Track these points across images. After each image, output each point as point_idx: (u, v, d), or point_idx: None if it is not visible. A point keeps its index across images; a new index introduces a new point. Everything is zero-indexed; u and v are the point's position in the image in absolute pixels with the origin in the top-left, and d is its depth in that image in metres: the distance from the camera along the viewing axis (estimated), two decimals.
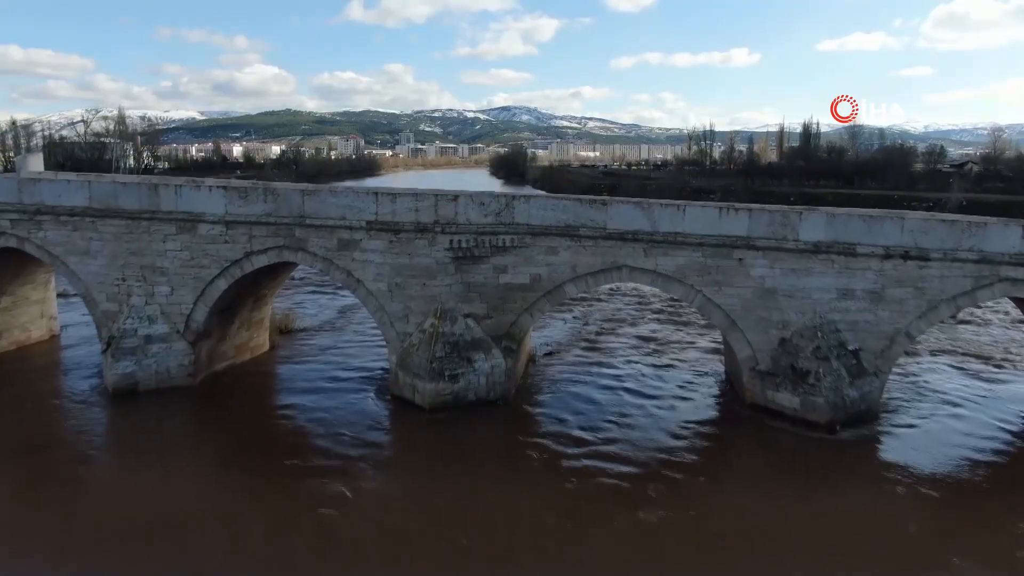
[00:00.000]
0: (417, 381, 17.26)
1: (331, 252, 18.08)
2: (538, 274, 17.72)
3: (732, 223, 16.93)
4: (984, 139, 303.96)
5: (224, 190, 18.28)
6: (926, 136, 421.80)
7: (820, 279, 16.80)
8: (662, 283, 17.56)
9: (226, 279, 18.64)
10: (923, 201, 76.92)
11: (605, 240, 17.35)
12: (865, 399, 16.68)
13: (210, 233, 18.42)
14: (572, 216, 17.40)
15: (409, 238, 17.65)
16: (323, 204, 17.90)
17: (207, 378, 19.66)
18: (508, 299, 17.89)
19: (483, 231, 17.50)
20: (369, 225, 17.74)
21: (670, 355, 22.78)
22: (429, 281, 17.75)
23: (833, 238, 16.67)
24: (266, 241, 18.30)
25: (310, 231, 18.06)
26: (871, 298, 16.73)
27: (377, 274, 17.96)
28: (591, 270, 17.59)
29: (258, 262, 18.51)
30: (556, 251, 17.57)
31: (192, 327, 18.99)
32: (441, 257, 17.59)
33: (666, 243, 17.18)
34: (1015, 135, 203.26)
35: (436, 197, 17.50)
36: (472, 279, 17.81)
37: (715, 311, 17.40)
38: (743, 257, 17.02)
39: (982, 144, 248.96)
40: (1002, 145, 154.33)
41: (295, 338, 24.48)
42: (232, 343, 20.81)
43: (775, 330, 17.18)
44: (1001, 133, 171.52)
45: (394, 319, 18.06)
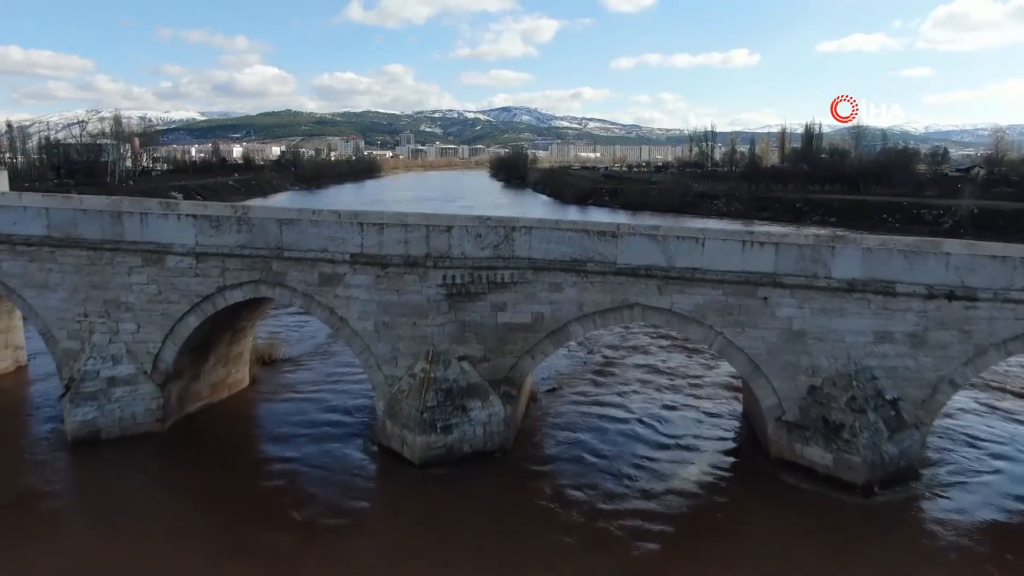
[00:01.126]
0: (406, 433, 15.54)
1: (312, 287, 16.38)
2: (540, 313, 16.02)
3: (757, 258, 15.23)
4: (985, 140, 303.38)
5: (194, 219, 16.56)
6: (927, 137, 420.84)
7: (855, 321, 15.10)
8: (678, 324, 15.87)
9: (197, 316, 16.95)
10: (932, 208, 75.26)
11: (615, 276, 15.65)
12: (905, 455, 14.98)
13: (179, 266, 16.72)
14: (578, 249, 15.70)
15: (398, 273, 15.95)
16: (303, 235, 16.19)
17: (178, 423, 17.94)
18: (507, 340, 16.19)
19: (480, 265, 15.80)
20: (353, 258, 16.04)
21: (683, 391, 21.07)
22: (420, 320, 16.05)
23: (870, 275, 14.96)
24: (240, 275, 16.59)
25: (289, 264, 16.36)
26: (912, 342, 15.02)
27: (362, 312, 16.26)
28: (599, 309, 15.88)
29: (232, 298, 16.81)
30: (560, 287, 15.86)
31: (160, 367, 17.29)
32: (433, 294, 15.89)
33: (683, 279, 15.48)
34: (1015, 135, 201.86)
35: (428, 228, 15.80)
36: (467, 318, 16.11)
37: (737, 355, 15.69)
38: (768, 296, 15.31)
39: (983, 145, 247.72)
40: (1005, 146, 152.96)
41: (278, 370, 22.77)
42: (207, 381, 19.09)
43: (804, 376, 15.47)
44: (1004, 134, 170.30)
45: (381, 362, 16.35)
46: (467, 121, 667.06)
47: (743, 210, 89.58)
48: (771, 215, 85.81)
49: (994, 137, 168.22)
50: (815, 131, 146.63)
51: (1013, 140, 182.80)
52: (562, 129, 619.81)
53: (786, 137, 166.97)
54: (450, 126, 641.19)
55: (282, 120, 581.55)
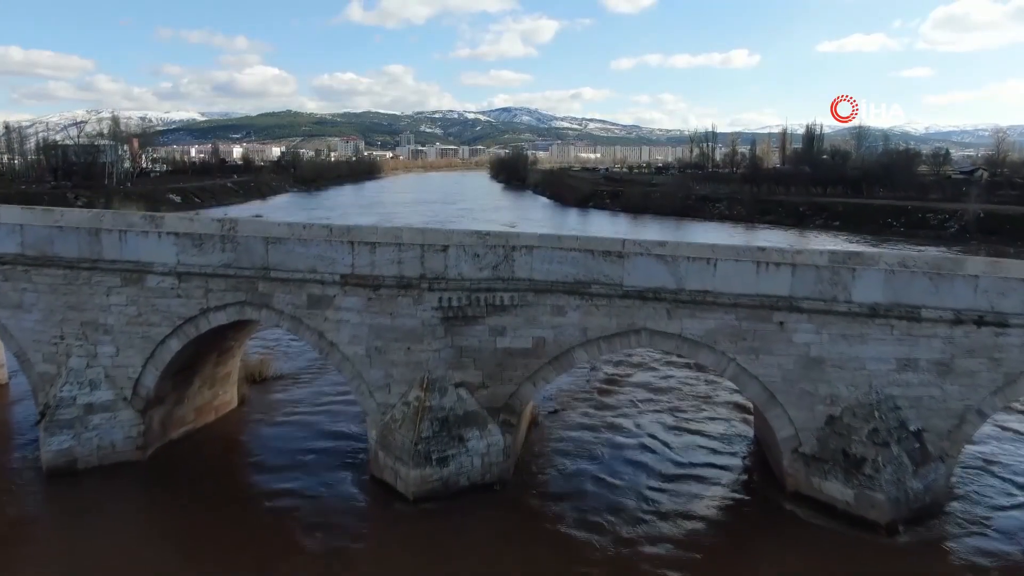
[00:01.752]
0: (399, 466, 14.63)
1: (300, 310, 15.47)
2: (542, 338, 15.11)
3: (772, 280, 14.32)
4: (985, 141, 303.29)
5: (175, 236, 15.66)
6: (927, 137, 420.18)
7: (877, 347, 14.19)
8: (688, 350, 14.96)
9: (179, 339, 16.04)
10: (938, 213, 74.29)
11: (621, 299, 14.74)
12: (930, 490, 14.07)
13: (160, 286, 15.82)
14: (582, 270, 14.79)
15: (391, 295, 15.05)
16: (290, 254, 15.29)
17: (160, 450, 17.03)
18: (507, 366, 15.28)
19: (478, 287, 14.90)
20: (344, 279, 15.13)
21: (690, 412, 20.15)
22: (414, 345, 15.14)
23: (893, 299, 14.05)
24: (225, 296, 15.69)
25: (275, 285, 15.45)
26: (937, 370, 14.11)
27: (353, 336, 15.35)
28: (604, 333, 14.97)
29: (216, 320, 15.90)
30: (563, 311, 14.96)
31: (141, 393, 16.38)
32: (428, 317, 14.98)
33: (693, 303, 14.58)
34: (1016, 136, 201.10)
35: (423, 247, 14.89)
36: (465, 343, 15.21)
37: (751, 383, 14.78)
38: (785, 320, 14.41)
39: (984, 145, 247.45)
40: (1006, 147, 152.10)
41: (270, 389, 21.87)
42: (192, 405, 18.19)
43: (822, 406, 14.57)
44: (1005, 135, 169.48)
45: (373, 389, 15.44)
46: (467, 121, 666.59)
47: (746, 213, 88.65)
48: (774, 219, 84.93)
49: (995, 138, 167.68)
50: (816, 132, 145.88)
51: (1014, 141, 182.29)
52: (562, 130, 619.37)
53: (787, 138, 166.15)
54: (450, 126, 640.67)
55: (282, 120, 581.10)
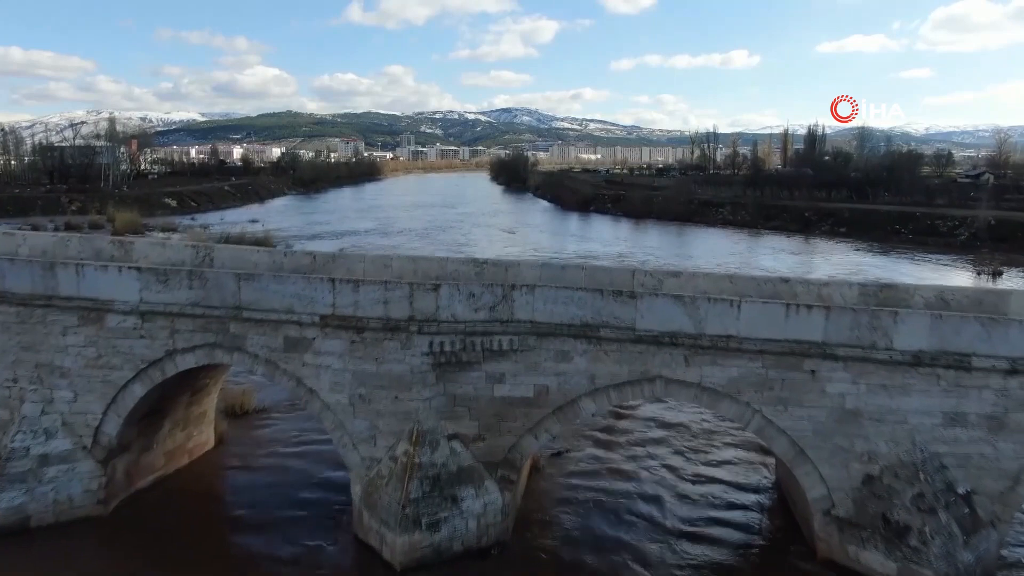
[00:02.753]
0: (385, 531, 13.08)
1: (275, 353, 13.93)
2: (545, 385, 13.57)
3: (803, 324, 12.77)
4: (986, 141, 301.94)
5: (138, 272, 14.12)
6: (928, 138, 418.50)
7: (921, 399, 12.65)
8: (708, 400, 13.41)
9: (143, 384, 14.51)
10: (947, 219, 72.63)
11: (634, 343, 13.20)
12: (981, 561, 12.51)
13: (121, 326, 14.28)
14: (590, 311, 13.24)
15: (376, 338, 13.51)
16: (264, 292, 13.74)
17: (125, 502, 15.46)
18: (506, 416, 13.74)
19: (473, 330, 13.35)
20: (324, 320, 13.59)
21: (704, 453, 18.59)
22: (402, 393, 13.60)
23: (939, 347, 12.50)
24: (193, 337, 14.15)
25: (248, 326, 13.91)
26: (989, 425, 12.57)
27: (335, 383, 13.81)
28: (615, 381, 13.43)
29: (184, 363, 14.37)
30: (569, 356, 13.41)
31: (102, 441, 14.85)
32: (418, 363, 13.44)
33: (715, 349, 13.03)
34: (1017, 137, 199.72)
35: (412, 286, 13.34)
36: (459, 391, 13.67)
37: (778, 437, 13.23)
38: (817, 369, 12.86)
39: (984, 146, 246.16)
40: (1008, 149, 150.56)
41: (250, 424, 20.32)
42: (162, 450, 16.64)
43: (859, 464, 13.02)
44: (1007, 136, 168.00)
45: (357, 441, 13.90)
46: (467, 122, 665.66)
47: (749, 219, 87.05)
48: (779, 224, 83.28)
49: (996, 139, 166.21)
50: (818, 133, 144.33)
51: (1016, 142, 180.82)
52: (563, 130, 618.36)
53: (788, 139, 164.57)
54: (451, 127, 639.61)
55: (282, 121, 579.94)
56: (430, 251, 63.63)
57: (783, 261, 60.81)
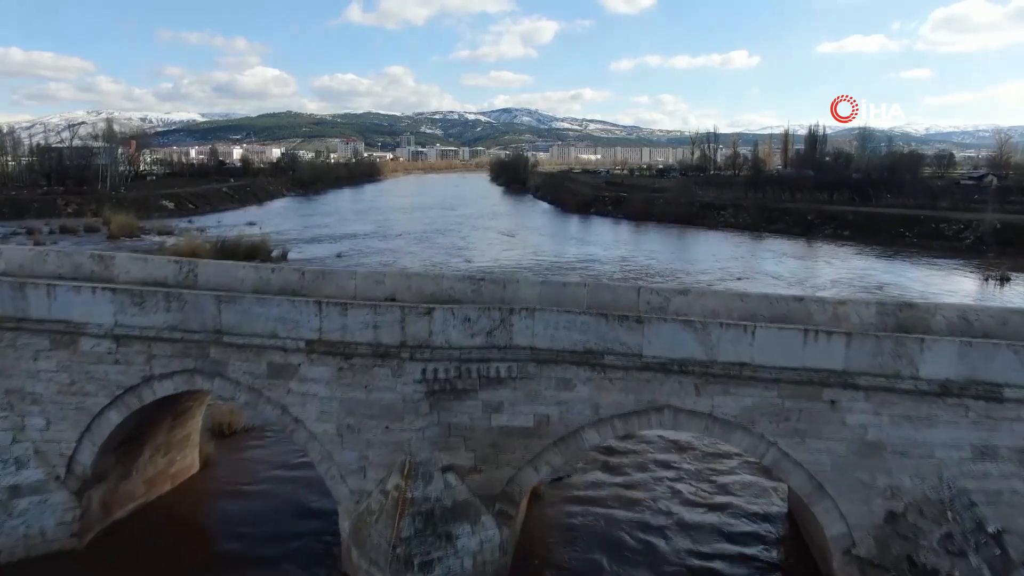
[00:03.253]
0: (375, 571, 12.24)
1: (259, 380, 13.09)
2: (546, 415, 12.73)
3: (822, 352, 11.92)
4: (986, 142, 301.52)
5: (112, 293, 13.27)
6: (928, 138, 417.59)
7: (948, 432, 11.80)
8: (720, 431, 12.57)
9: (120, 411, 13.68)
10: (952, 223, 71.75)
11: (640, 371, 12.36)
12: None
13: (95, 350, 13.44)
14: (594, 337, 12.40)
15: (366, 365, 12.67)
16: (246, 315, 12.89)
17: (102, 534, 14.61)
18: (504, 447, 12.89)
19: (469, 356, 12.51)
20: (310, 346, 12.75)
21: (711, 478, 17.75)
22: (394, 423, 12.77)
23: (968, 375, 11.66)
24: (171, 363, 13.32)
25: (230, 351, 13.07)
26: (1022, 460, 11.73)
27: (322, 412, 12.97)
28: (620, 411, 12.59)
29: (162, 390, 13.54)
30: (571, 384, 12.57)
31: (76, 471, 14.01)
32: (410, 392, 12.60)
33: (727, 377, 12.19)
34: (1017, 137, 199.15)
35: (403, 310, 12.50)
36: (454, 420, 12.83)
37: (794, 471, 12.38)
38: (837, 399, 12.02)
39: (984, 147, 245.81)
40: (1009, 149, 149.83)
41: (239, 445, 19.47)
42: (142, 477, 15.80)
43: (881, 500, 12.17)
44: (1008, 137, 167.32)
45: (346, 473, 13.06)
46: (467, 122, 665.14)
47: (752, 221, 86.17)
48: (781, 227, 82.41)
49: (997, 139, 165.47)
50: (819, 134, 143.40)
51: (1016, 142, 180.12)
52: (562, 130, 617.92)
53: (789, 139, 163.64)
54: (451, 127, 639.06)
55: (282, 121, 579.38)
56: (428, 255, 62.88)
57: (786, 265, 59.98)
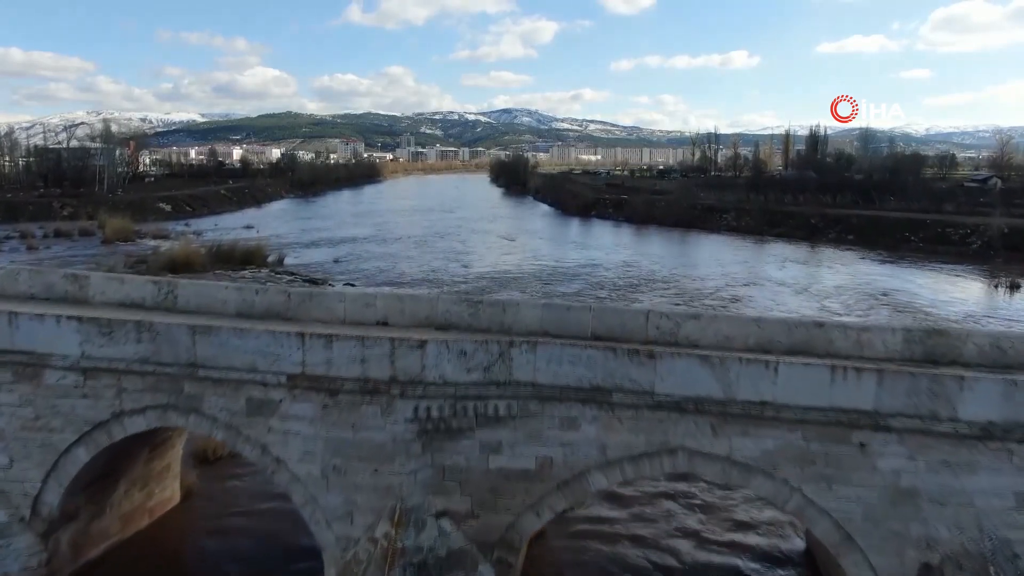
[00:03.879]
0: None
1: (237, 417, 12.08)
2: (548, 457, 11.71)
3: (851, 390, 10.90)
4: (987, 142, 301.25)
5: (78, 322, 12.25)
6: (928, 139, 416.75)
7: (990, 479, 10.78)
8: (739, 475, 11.54)
9: (88, 448, 12.67)
10: (959, 227, 70.72)
11: (652, 410, 11.34)
12: None
13: (61, 383, 12.43)
14: (601, 373, 11.38)
15: (353, 402, 11.65)
16: (223, 347, 11.87)
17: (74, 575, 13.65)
18: (503, 491, 11.87)
19: (465, 393, 11.50)
20: (292, 380, 11.73)
21: (723, 512, 16.70)
22: (383, 465, 11.75)
23: (1013, 418, 10.64)
24: (142, 398, 12.30)
25: (205, 386, 12.05)
26: None
27: (305, 452, 11.95)
28: (630, 453, 11.57)
29: (133, 426, 12.53)
30: (576, 424, 11.56)
31: (42, 512, 13.00)
32: (401, 431, 11.59)
33: (747, 417, 11.17)
34: (1017, 137, 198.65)
35: (393, 343, 11.47)
36: (449, 462, 11.81)
37: (820, 519, 11.36)
38: (867, 442, 11.00)
39: (985, 147, 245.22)
40: (1010, 150, 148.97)
41: (223, 472, 18.42)
42: (117, 513, 14.77)
43: (915, 551, 11.14)
44: (1010, 138, 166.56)
45: (331, 518, 12.03)
46: (467, 123, 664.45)
47: (754, 225, 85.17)
48: (784, 231, 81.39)
49: (998, 140, 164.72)
50: (820, 135, 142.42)
51: (1018, 143, 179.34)
52: (563, 131, 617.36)
53: (790, 140, 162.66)
54: (451, 128, 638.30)
55: (282, 122, 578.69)
56: (427, 260, 61.91)
57: (791, 271, 59.02)
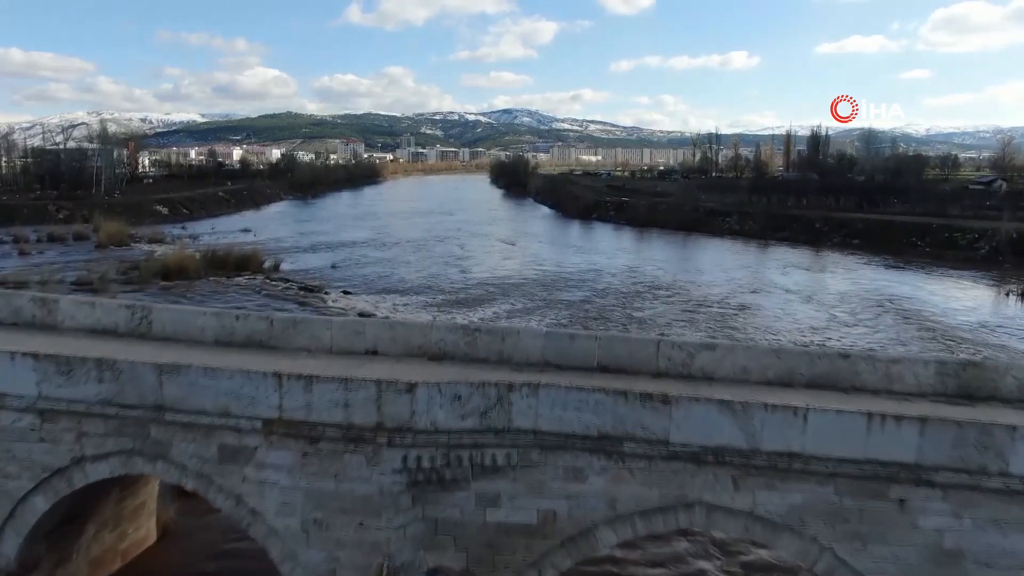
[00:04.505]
0: None
1: (209, 465, 10.98)
2: (551, 511, 10.59)
3: (890, 441, 9.78)
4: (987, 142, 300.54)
5: (34, 360, 11.14)
6: (929, 139, 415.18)
7: None
8: (763, 532, 10.42)
9: (47, 496, 11.57)
10: (966, 232, 69.53)
11: (667, 460, 10.22)
12: None
13: (16, 426, 11.33)
14: (610, 419, 10.26)
15: (335, 450, 10.54)
16: (193, 388, 10.76)
17: None
18: (502, 548, 10.74)
19: (459, 442, 10.38)
20: (268, 426, 10.62)
21: (739, 555, 15.62)
22: (369, 519, 10.63)
23: None
24: (105, 442, 11.20)
25: (174, 431, 10.95)
26: None
27: (283, 504, 10.84)
28: (642, 507, 10.45)
29: (95, 473, 11.43)
30: (582, 475, 10.44)
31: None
32: (389, 483, 10.47)
33: (772, 469, 10.05)
34: (1017, 138, 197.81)
35: (379, 386, 10.35)
36: (442, 515, 10.69)
37: None
38: (907, 497, 9.89)
39: (986, 147, 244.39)
40: (1011, 151, 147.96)
41: (204, 506, 17.08)
42: (85, 559, 13.64)
43: None
44: (1011, 138, 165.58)
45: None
46: (468, 123, 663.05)
47: (758, 229, 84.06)
48: (788, 236, 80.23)
49: (999, 140, 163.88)
50: (821, 136, 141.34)
51: (1019, 143, 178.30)
52: (563, 131, 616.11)
53: (791, 141, 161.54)
54: (451, 128, 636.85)
55: (282, 122, 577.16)
56: (425, 265, 60.90)
57: (796, 277, 57.97)
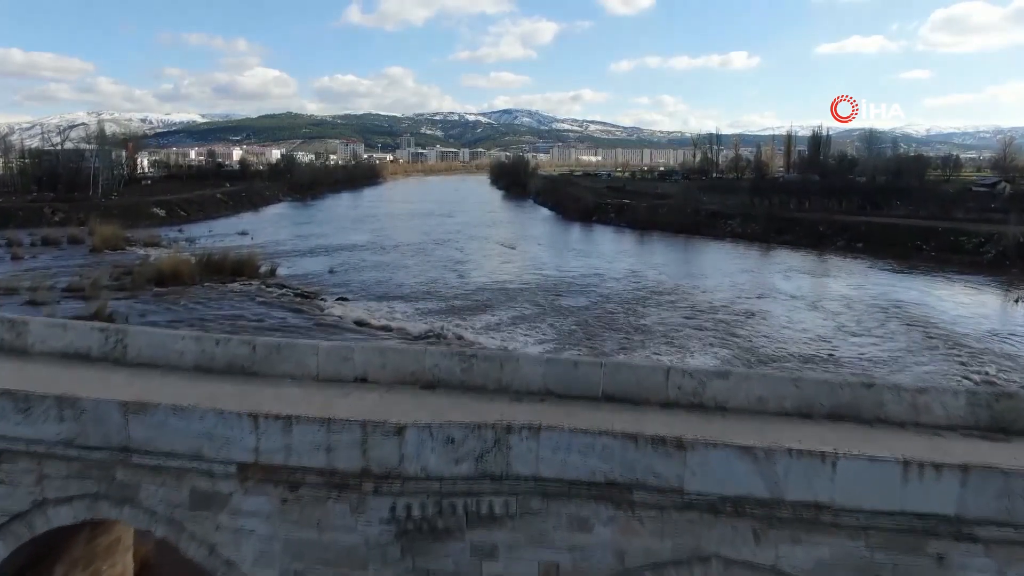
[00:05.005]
0: None
1: (180, 511, 10.04)
2: (554, 563, 9.66)
3: (928, 491, 8.86)
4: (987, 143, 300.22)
5: None
6: (929, 139, 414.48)
7: None
8: None
9: (7, 542, 10.65)
10: (972, 235, 68.54)
11: (680, 511, 9.30)
12: None
13: None
14: (619, 465, 9.34)
15: (317, 497, 9.63)
16: (161, 429, 9.84)
17: None
18: None
19: (453, 489, 9.46)
20: (244, 471, 9.70)
21: None
22: (355, 572, 9.71)
23: None
24: (68, 485, 10.28)
25: (142, 474, 10.03)
26: None
27: (261, 554, 9.92)
28: (653, 560, 9.52)
29: (58, 518, 10.50)
30: (588, 525, 9.52)
31: None
32: (375, 533, 9.55)
33: (797, 521, 9.13)
34: (1018, 138, 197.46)
35: (365, 429, 9.43)
36: (434, 566, 9.77)
37: None
38: (946, 552, 8.97)
39: (986, 148, 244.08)
40: (1012, 151, 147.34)
41: None
42: None
43: None
44: (1012, 139, 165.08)
45: None
46: (468, 123, 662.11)
47: (760, 232, 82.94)
48: (791, 239, 79.08)
49: (999, 141, 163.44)
50: (822, 136, 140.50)
51: (1020, 144, 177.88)
52: (563, 131, 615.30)
53: (792, 141, 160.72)
54: (451, 128, 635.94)
55: (282, 122, 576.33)
56: (424, 270, 59.99)
57: (800, 282, 57.01)
